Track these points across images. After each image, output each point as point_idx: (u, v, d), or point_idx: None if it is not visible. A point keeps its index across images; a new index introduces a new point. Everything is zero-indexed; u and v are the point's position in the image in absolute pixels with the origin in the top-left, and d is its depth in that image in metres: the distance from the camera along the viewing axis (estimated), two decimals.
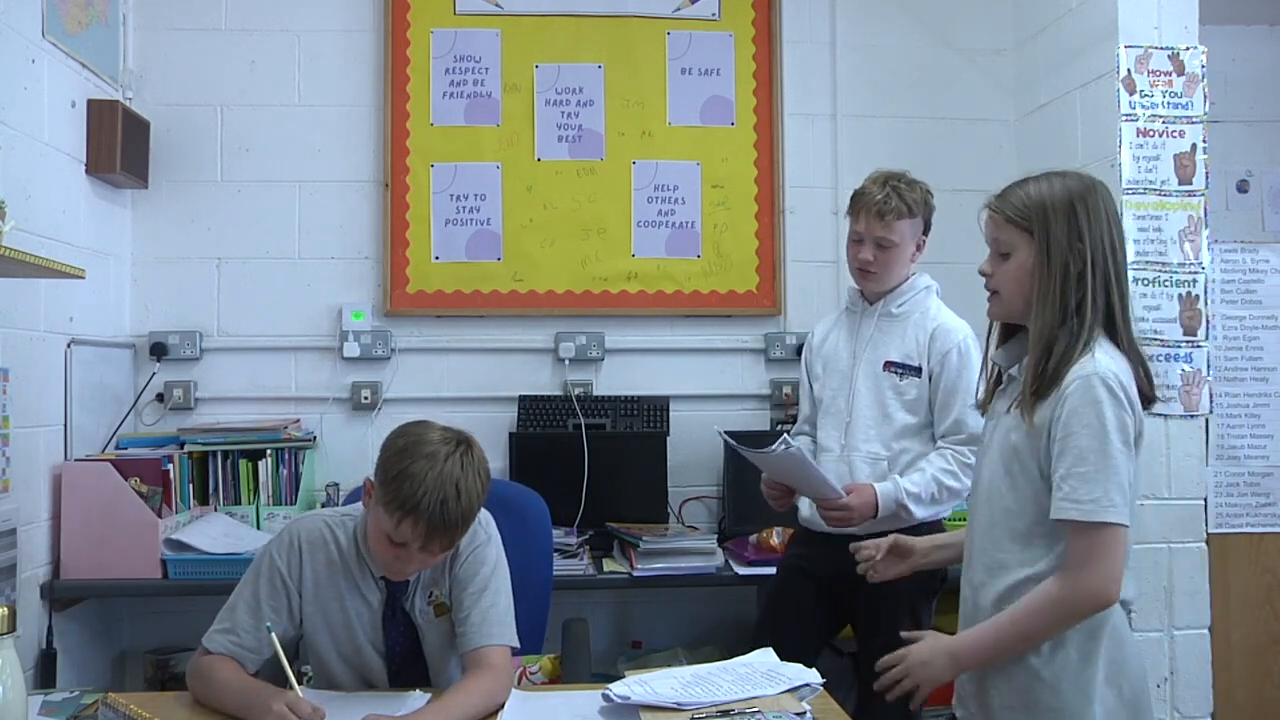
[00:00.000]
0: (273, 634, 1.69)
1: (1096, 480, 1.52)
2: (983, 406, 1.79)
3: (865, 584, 2.11)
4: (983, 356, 1.83)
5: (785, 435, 2.21)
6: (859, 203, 2.38)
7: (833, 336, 2.49)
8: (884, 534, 1.99)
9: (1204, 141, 2.79)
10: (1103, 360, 1.57)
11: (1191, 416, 2.76)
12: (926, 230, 2.41)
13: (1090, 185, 1.65)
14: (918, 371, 2.32)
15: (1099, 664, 1.59)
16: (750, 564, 2.78)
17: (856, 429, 2.35)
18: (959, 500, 2.29)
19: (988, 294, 1.72)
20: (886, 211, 2.31)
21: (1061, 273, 1.60)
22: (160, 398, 3.15)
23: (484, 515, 1.90)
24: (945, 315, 2.37)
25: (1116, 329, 1.62)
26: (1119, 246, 1.64)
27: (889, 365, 2.34)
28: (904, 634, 1.72)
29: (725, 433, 2.43)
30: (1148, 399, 1.63)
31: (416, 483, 1.66)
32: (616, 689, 1.65)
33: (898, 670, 1.66)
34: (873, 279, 2.38)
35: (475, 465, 1.73)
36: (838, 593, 2.37)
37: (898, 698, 1.66)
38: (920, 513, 2.24)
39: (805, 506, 2.42)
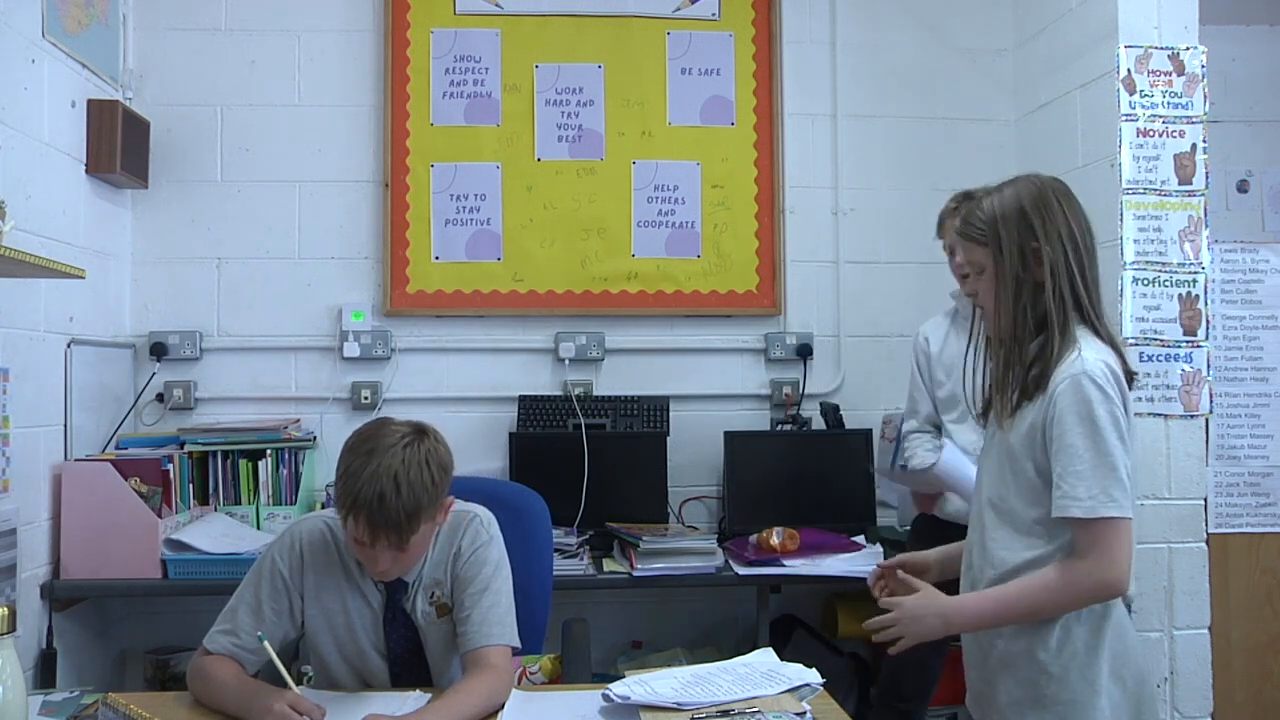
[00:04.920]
0: (264, 641, 1.69)
1: (1093, 477, 1.55)
2: (981, 416, 1.80)
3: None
4: (972, 366, 1.85)
5: (938, 443, 2.26)
6: (939, 220, 2.55)
7: (951, 344, 2.54)
8: None
9: (1204, 141, 2.78)
10: (1090, 357, 1.59)
11: (1191, 416, 2.76)
12: None
13: (1042, 188, 1.68)
14: None
15: (1104, 657, 1.61)
16: (750, 564, 2.78)
17: None
18: None
19: (979, 312, 1.77)
20: (959, 213, 2.42)
21: (1017, 279, 1.64)
22: (160, 398, 3.15)
23: (485, 515, 1.90)
24: None
25: (1091, 322, 1.65)
26: (1081, 243, 1.65)
27: None
28: (902, 576, 1.74)
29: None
30: (1129, 379, 1.66)
31: (355, 479, 1.66)
32: (616, 689, 1.65)
33: (890, 617, 1.67)
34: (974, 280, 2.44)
35: (421, 457, 1.70)
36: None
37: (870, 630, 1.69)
38: None
39: (952, 501, 2.46)
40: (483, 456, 3.16)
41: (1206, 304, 2.77)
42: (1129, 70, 2.78)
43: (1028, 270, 1.63)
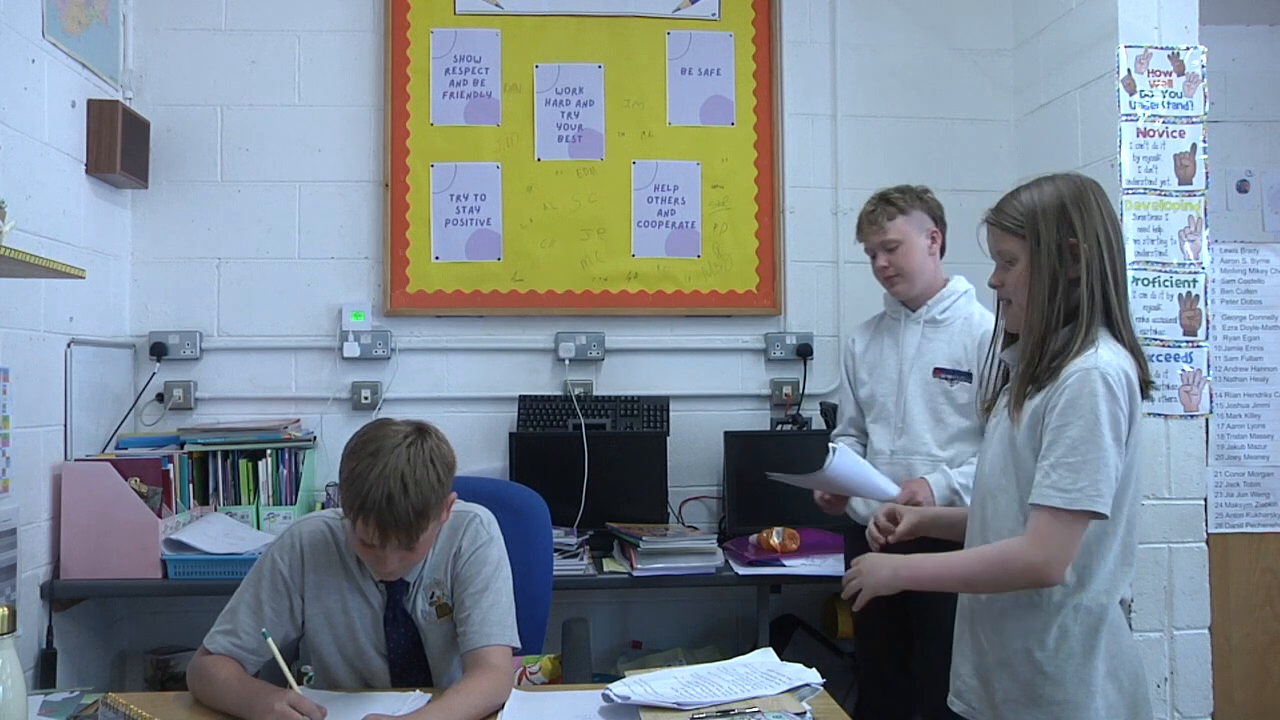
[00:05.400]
0: (269, 639, 1.69)
1: (1084, 470, 1.56)
2: (988, 404, 1.80)
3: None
4: (987, 359, 1.85)
5: (829, 444, 2.24)
6: (858, 225, 2.51)
7: (875, 344, 2.54)
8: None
9: (1204, 141, 2.78)
10: (1105, 355, 1.60)
11: (1191, 416, 2.76)
12: (939, 225, 2.46)
13: (1082, 186, 1.68)
14: (968, 376, 2.37)
15: (1100, 657, 1.62)
16: (750, 564, 2.78)
17: (911, 432, 2.40)
18: None
19: (1002, 304, 1.76)
20: (877, 218, 2.44)
21: (1054, 274, 1.64)
22: (160, 398, 3.15)
23: (486, 515, 1.91)
24: (989, 319, 2.38)
25: (1116, 324, 1.65)
26: (1115, 244, 1.67)
27: (939, 372, 2.39)
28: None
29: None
30: (1145, 388, 1.67)
31: (362, 481, 1.66)
32: (616, 689, 1.65)
33: (853, 570, 1.79)
34: (899, 281, 2.45)
35: (425, 456, 1.70)
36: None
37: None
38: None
39: (860, 504, 2.45)
40: (483, 456, 3.17)
41: (1206, 304, 2.77)
42: (1129, 70, 2.78)
43: (1064, 265, 1.64)
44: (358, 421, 3.18)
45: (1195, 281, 2.76)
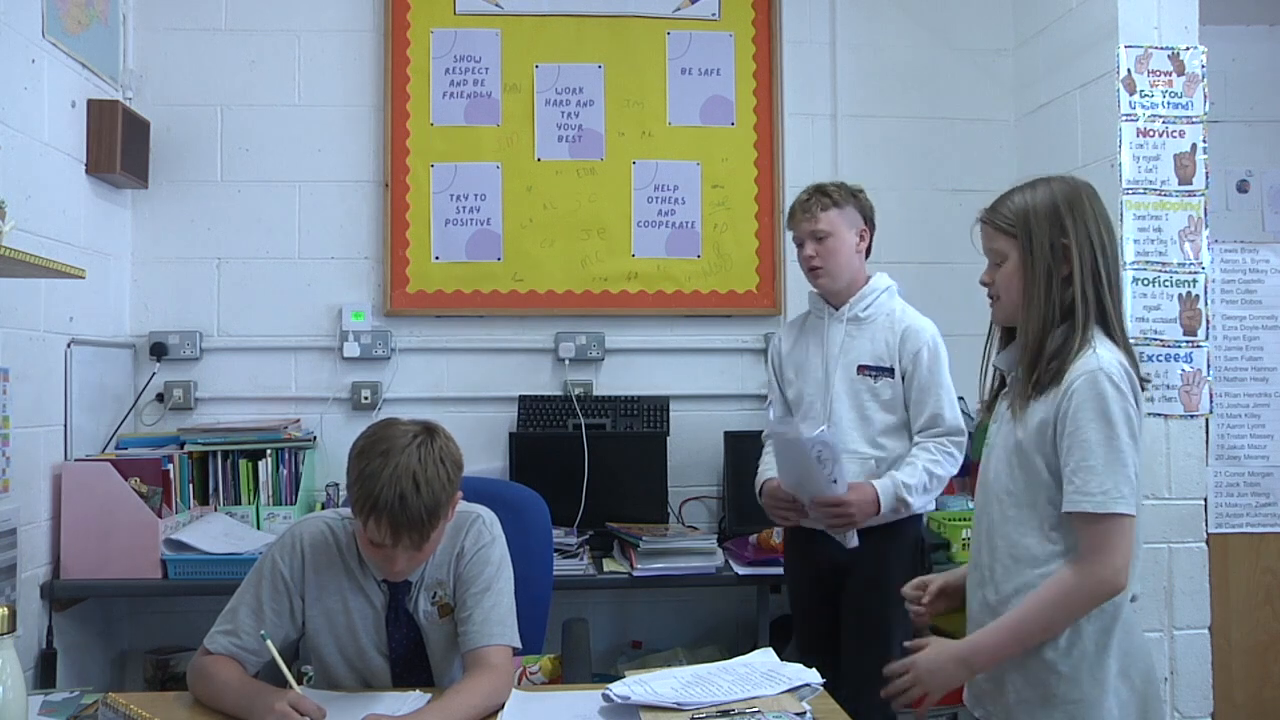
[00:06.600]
0: (268, 640, 1.69)
1: (1106, 473, 1.56)
2: (986, 410, 1.81)
3: (853, 575, 2.32)
4: (983, 361, 1.85)
5: (823, 429, 2.25)
6: (790, 212, 2.50)
7: (801, 343, 2.54)
8: (881, 527, 2.03)
9: (1204, 141, 2.79)
10: (1104, 355, 1.61)
11: (1191, 416, 2.76)
12: (868, 224, 2.47)
13: (1075, 189, 1.70)
14: (890, 372, 2.39)
15: (1113, 656, 1.62)
16: (750, 564, 2.78)
17: (838, 432, 2.38)
18: (944, 486, 2.38)
19: (990, 301, 1.77)
20: (811, 207, 2.43)
21: (1046, 274, 1.66)
22: (160, 398, 3.15)
23: (488, 516, 1.91)
24: (911, 315, 2.44)
25: (1110, 325, 1.66)
26: (1108, 246, 1.68)
27: (863, 369, 2.41)
28: (907, 644, 1.72)
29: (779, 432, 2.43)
30: (1141, 384, 1.67)
31: (374, 481, 1.66)
32: (616, 689, 1.65)
33: (906, 679, 1.66)
34: (822, 274, 2.44)
35: (435, 455, 1.71)
36: (831, 584, 2.40)
37: (889, 697, 1.68)
38: (917, 503, 2.31)
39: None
40: (483, 456, 3.16)
41: (1206, 304, 2.77)
42: (1129, 70, 2.78)
43: (1056, 263, 1.66)
44: (358, 421, 3.19)
45: (1195, 281, 2.76)
